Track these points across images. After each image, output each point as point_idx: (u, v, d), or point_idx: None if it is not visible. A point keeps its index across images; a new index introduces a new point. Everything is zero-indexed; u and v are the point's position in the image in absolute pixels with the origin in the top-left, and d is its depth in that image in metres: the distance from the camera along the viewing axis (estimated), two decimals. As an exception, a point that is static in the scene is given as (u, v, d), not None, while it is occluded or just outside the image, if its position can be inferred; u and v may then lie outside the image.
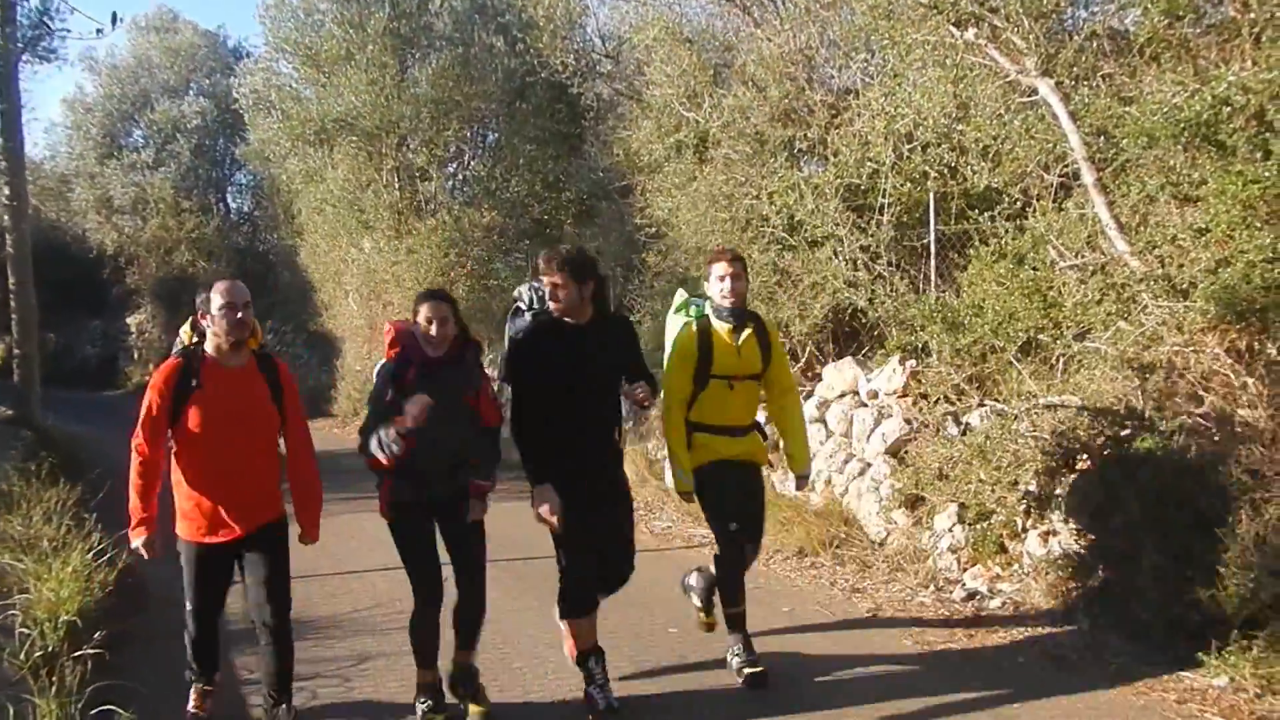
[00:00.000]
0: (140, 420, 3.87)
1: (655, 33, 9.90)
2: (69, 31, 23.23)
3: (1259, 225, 4.69)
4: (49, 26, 12.65)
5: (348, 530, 8.05)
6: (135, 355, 24.64)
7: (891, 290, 7.29)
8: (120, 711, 3.89)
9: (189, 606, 4.16)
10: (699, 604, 5.00)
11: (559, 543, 4.38)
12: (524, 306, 4.44)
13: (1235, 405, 4.67)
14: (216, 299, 3.79)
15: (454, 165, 16.40)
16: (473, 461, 4.20)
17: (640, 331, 9.89)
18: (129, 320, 25.36)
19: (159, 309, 23.92)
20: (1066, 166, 6.13)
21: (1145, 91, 5.41)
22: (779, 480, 7.59)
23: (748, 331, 4.56)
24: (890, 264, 7.46)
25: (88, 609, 5.17)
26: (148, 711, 4.23)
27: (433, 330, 4.02)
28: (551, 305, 4.16)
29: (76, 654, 4.30)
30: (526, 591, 6.14)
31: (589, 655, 4.35)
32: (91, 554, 5.80)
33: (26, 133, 18.06)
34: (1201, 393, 4.80)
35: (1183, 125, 4.94)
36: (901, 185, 7.32)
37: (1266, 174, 4.63)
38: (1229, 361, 4.76)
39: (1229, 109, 4.84)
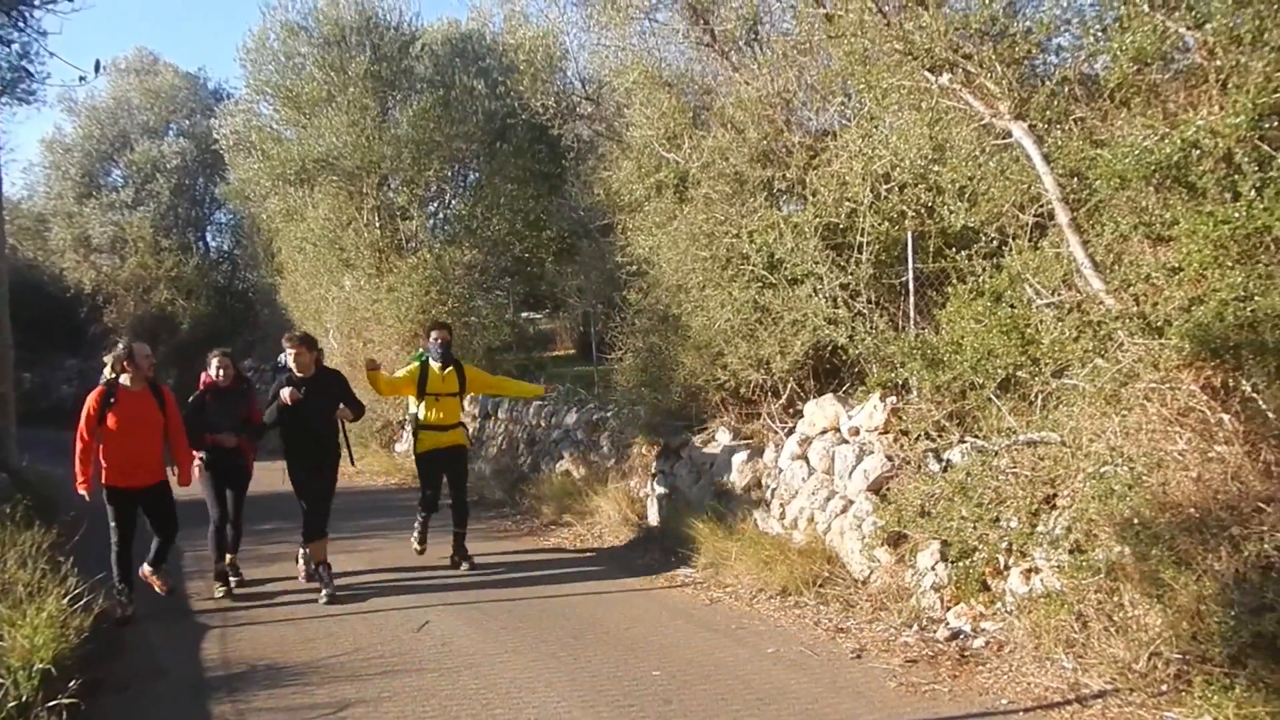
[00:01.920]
0: (82, 421, 6.56)
1: (635, 76, 10.00)
2: (49, 75, 23.21)
3: (1230, 264, 4.76)
4: (29, 71, 12.65)
5: (328, 572, 7.98)
6: (112, 395, 24.42)
7: (871, 327, 7.34)
8: (95, 763, 3.82)
9: (114, 539, 6.73)
10: (417, 540, 8.30)
11: (301, 496, 7.37)
12: (283, 364, 7.70)
13: (1211, 441, 4.72)
14: (137, 352, 6.79)
15: (435, 204, 16.49)
16: (244, 447, 7.48)
17: (622, 369, 9.96)
18: (106, 359, 25.20)
19: (137, 348, 23.77)
20: (1041, 207, 6.21)
21: (1117, 135, 5.50)
22: (761, 518, 7.59)
23: (450, 369, 7.97)
24: (870, 301, 7.52)
25: (63, 656, 5.10)
26: (123, 762, 4.17)
27: (221, 374, 7.42)
28: (295, 364, 7.29)
29: (51, 704, 4.23)
30: (504, 631, 6.10)
31: (320, 564, 7.32)
32: (67, 599, 5.72)
33: (4, 172, 17.95)
34: (1178, 429, 4.85)
35: (1154, 167, 5.03)
36: (880, 224, 7.39)
37: (1236, 215, 4.72)
38: (1204, 398, 4.81)
39: (1198, 152, 4.94)
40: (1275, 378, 4.62)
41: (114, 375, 6.74)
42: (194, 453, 7.10)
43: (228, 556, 7.49)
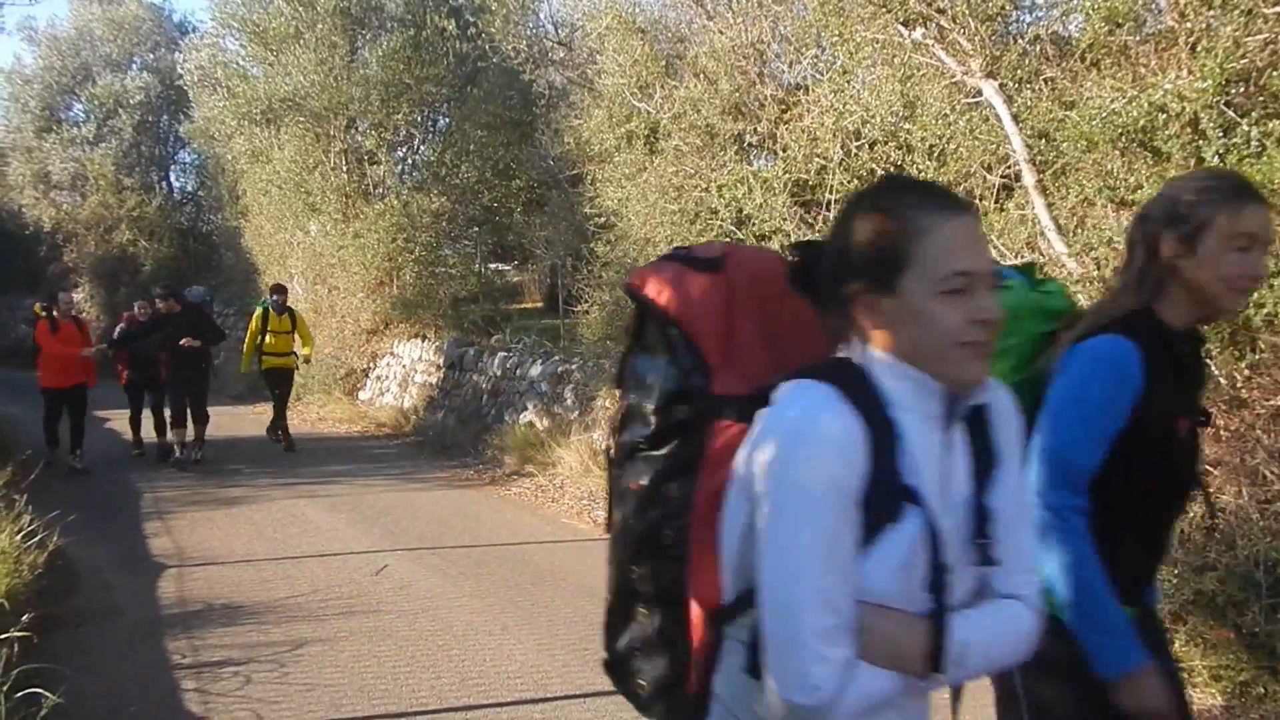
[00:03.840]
0: (36, 340, 9.84)
1: (608, 21, 9.87)
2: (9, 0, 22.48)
3: (1190, 230, 4.81)
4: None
5: (287, 515, 7.98)
6: (71, 335, 24.00)
7: (837, 286, 7.36)
8: (47, 694, 3.81)
9: (44, 416, 9.96)
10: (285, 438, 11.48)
11: (172, 397, 10.36)
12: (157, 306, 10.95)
13: (1164, 405, 4.79)
14: (62, 299, 10.24)
15: (403, 149, 16.22)
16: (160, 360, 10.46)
17: (588, 322, 9.94)
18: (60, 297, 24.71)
19: (98, 288, 23.38)
20: (1009, 167, 6.23)
21: (1085, 96, 5.52)
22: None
23: (285, 315, 11.20)
24: (836, 260, 7.53)
25: (16, 591, 5.07)
26: (76, 694, 4.16)
27: (140, 313, 10.82)
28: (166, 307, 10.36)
29: (3, 636, 4.20)
30: (463, 577, 6.13)
31: (198, 440, 10.40)
32: (21, 535, 5.68)
33: (-41, 103, 17.41)
34: (1132, 392, 4.92)
35: (1120, 130, 5.06)
36: (849, 182, 7.38)
37: (1198, 180, 4.76)
38: (1159, 362, 4.88)
39: (1165, 116, 4.98)
40: (1228, 344, 4.70)
41: (50, 312, 9.98)
42: (121, 368, 11.08)
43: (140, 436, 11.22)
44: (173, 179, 26.01)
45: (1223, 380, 4.64)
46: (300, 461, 10.52)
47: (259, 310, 11.36)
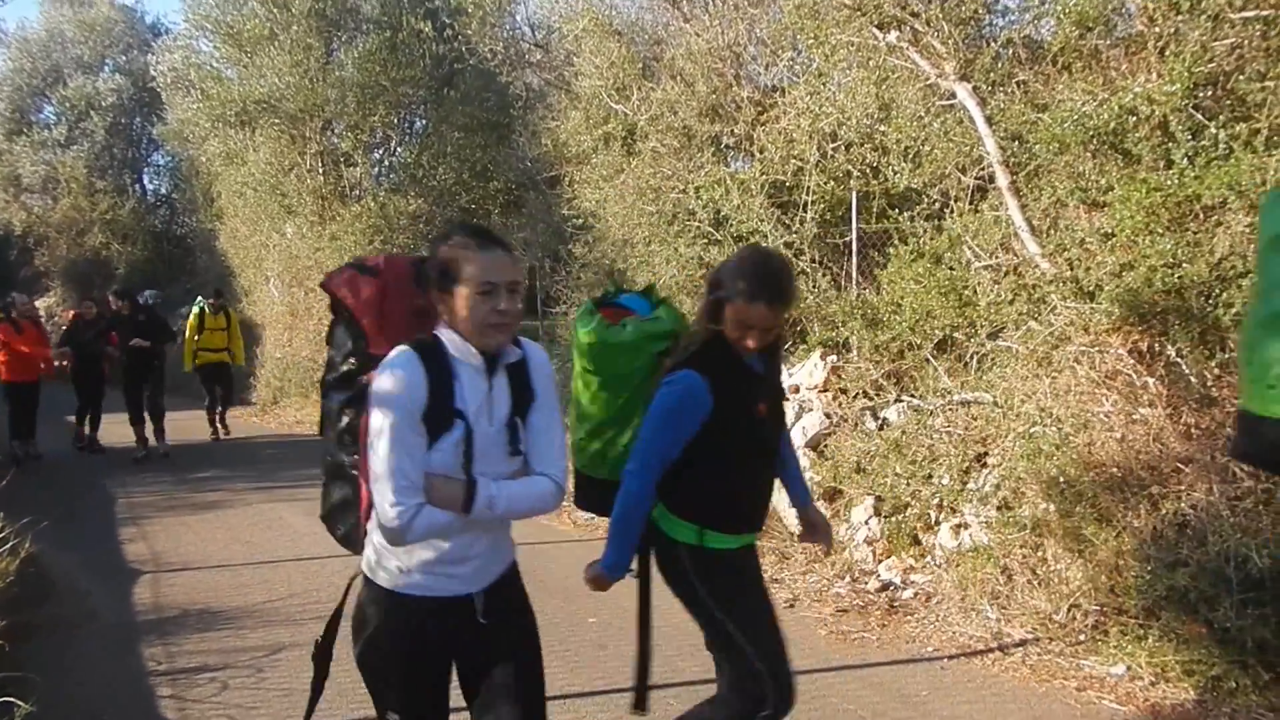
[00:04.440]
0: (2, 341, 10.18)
1: (585, 23, 9.87)
2: (-25, 1, 22.33)
3: (1160, 231, 4.88)
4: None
5: (264, 519, 7.94)
6: (43, 339, 23.72)
7: (814, 287, 7.39)
8: (20, 703, 3.77)
9: (8, 413, 10.39)
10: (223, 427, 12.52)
11: (126, 396, 10.77)
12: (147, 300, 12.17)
13: (1136, 404, 4.86)
14: (20, 302, 10.92)
15: (380, 151, 16.17)
16: (106, 358, 11.35)
17: (566, 323, 9.93)
18: (38, 303, 24.45)
19: (70, 292, 23.12)
20: (983, 169, 6.28)
21: (1058, 99, 5.58)
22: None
23: (220, 314, 11.93)
24: (813, 261, 7.55)
25: (-13, 600, 5.02)
26: (49, 703, 4.12)
27: (86, 311, 11.47)
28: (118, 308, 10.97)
29: (-27, 646, 4.16)
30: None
31: (158, 432, 11.02)
32: (-9, 544, 5.63)
33: (-72, 105, 17.14)
34: (1105, 391, 4.98)
35: (1092, 133, 5.12)
36: (825, 183, 7.40)
37: (1168, 182, 4.83)
38: (1131, 362, 4.94)
39: (1135, 118, 5.04)
40: (1198, 343, 4.77)
41: (4, 315, 10.58)
42: (65, 360, 11.23)
43: (84, 430, 11.70)
44: (146, 182, 25.83)
45: (1193, 379, 4.71)
46: (277, 465, 10.46)
47: (195, 310, 12.17)
